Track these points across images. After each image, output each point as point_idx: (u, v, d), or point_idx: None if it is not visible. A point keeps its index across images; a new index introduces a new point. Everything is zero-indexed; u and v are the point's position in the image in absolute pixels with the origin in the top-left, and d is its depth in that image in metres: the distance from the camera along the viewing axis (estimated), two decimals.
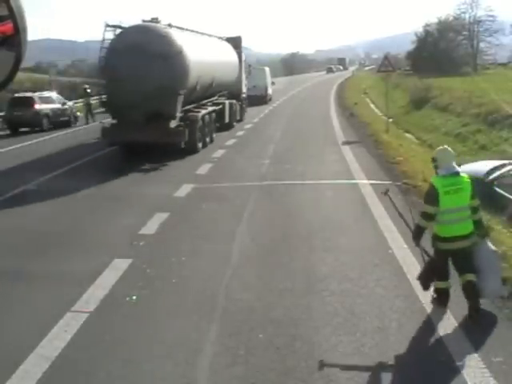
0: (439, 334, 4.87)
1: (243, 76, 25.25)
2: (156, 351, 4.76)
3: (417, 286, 5.88)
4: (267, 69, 38.33)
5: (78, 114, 28.13)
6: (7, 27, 1.92)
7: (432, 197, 5.33)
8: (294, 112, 29.65)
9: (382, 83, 36.35)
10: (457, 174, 5.39)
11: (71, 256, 7.41)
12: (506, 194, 9.59)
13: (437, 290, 5.45)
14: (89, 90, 28.23)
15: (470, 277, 5.25)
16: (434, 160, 5.57)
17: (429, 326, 5.05)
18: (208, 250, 7.44)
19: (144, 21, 15.70)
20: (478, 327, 4.98)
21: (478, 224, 5.47)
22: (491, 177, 10.02)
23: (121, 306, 5.73)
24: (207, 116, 17.43)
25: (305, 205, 9.91)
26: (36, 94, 25.17)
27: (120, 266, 6.79)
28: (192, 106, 16.69)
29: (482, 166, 10.86)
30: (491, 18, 66.17)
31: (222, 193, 11.03)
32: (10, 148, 19.32)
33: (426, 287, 5.56)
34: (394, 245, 7.26)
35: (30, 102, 24.07)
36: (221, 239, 7.96)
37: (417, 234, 5.55)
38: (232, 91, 22.38)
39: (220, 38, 21.88)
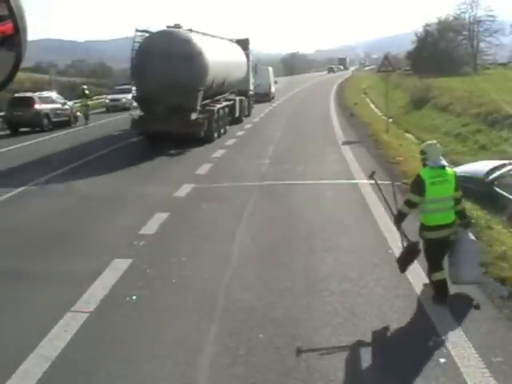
0: (439, 333, 4.87)
1: (250, 75, 27.21)
2: (156, 351, 4.76)
3: (417, 285, 5.90)
4: (270, 68, 40.19)
5: (78, 114, 28.12)
6: (7, 27, 1.91)
7: (418, 187, 5.63)
8: (294, 112, 29.65)
9: (381, 83, 36.36)
10: (443, 167, 5.75)
11: (71, 256, 7.41)
12: (506, 194, 9.59)
13: (436, 284, 5.60)
14: (87, 92, 28.02)
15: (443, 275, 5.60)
16: (422, 153, 5.87)
17: (428, 325, 5.05)
18: (208, 250, 7.44)
19: (168, 26, 17.91)
20: (477, 328, 4.99)
21: (461, 214, 5.82)
22: (491, 177, 10.02)
23: (121, 306, 5.73)
24: (222, 110, 19.72)
25: (305, 205, 9.90)
26: (36, 94, 25.18)
27: (120, 265, 6.79)
28: (208, 101, 18.66)
29: (481, 166, 10.86)
30: (491, 18, 66.25)
31: (221, 193, 11.03)
32: (10, 148, 19.35)
33: (403, 270, 5.85)
34: (394, 245, 7.23)
35: (30, 102, 24.08)
36: (221, 239, 7.96)
37: (398, 219, 5.86)
38: (241, 89, 24.46)
39: (231, 40, 24.01)
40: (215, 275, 6.48)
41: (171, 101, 16.19)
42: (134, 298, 5.86)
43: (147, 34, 17.71)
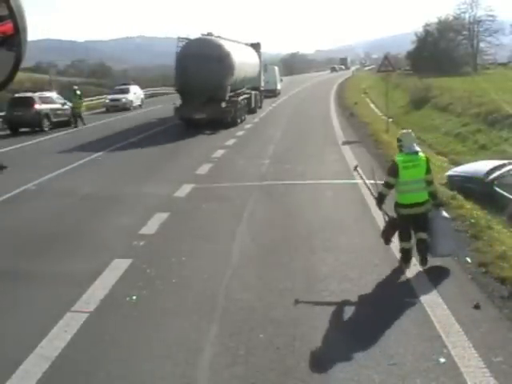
0: (439, 333, 4.87)
1: (262, 73, 32.03)
2: (156, 351, 4.76)
3: (417, 285, 5.90)
4: (277, 68, 45.98)
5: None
6: (7, 27, 1.91)
7: (393, 170, 6.48)
8: (295, 112, 29.64)
9: (381, 83, 36.33)
10: (416, 153, 6.51)
11: (71, 256, 7.41)
12: (506, 194, 9.59)
13: (402, 250, 6.53)
14: (78, 92, 26.95)
15: (423, 236, 6.44)
16: (398, 140, 6.70)
17: (428, 325, 5.05)
18: (208, 250, 7.44)
19: (203, 34, 23.44)
20: (477, 328, 4.99)
21: (433, 195, 6.59)
22: (491, 177, 10.02)
23: (121, 306, 5.73)
24: (242, 101, 24.56)
25: (305, 205, 9.90)
26: (36, 94, 25.16)
27: (120, 265, 6.79)
28: (232, 93, 22.97)
29: (482, 166, 10.86)
30: (491, 18, 66.27)
31: (222, 193, 11.03)
32: (11, 148, 19.34)
33: (387, 242, 6.79)
34: (394, 245, 7.26)
35: (29, 102, 24.06)
36: (221, 239, 7.96)
37: (380, 199, 6.76)
38: (254, 85, 28.71)
39: (246, 44, 29.07)
40: (215, 275, 6.48)
41: (206, 93, 20.79)
42: (134, 298, 5.86)
43: (187, 41, 23.03)
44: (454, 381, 4.18)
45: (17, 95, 24.75)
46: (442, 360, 4.44)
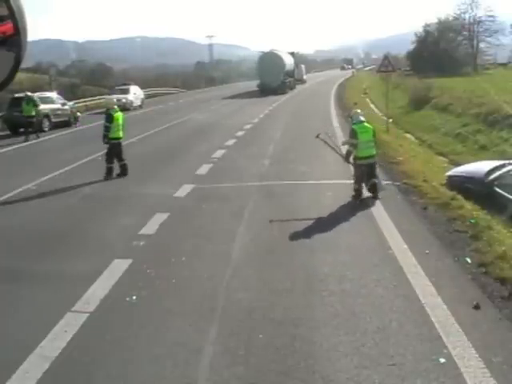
0: (439, 333, 4.87)
1: (295, 69, 54.89)
2: (156, 351, 4.76)
3: (417, 285, 5.90)
4: (303, 65, 68.30)
5: (78, 114, 28.04)
6: (7, 27, 1.91)
7: (354, 134, 9.85)
8: (295, 112, 29.63)
9: (381, 83, 36.34)
10: (363, 122, 10.10)
11: (71, 256, 7.41)
12: (506, 194, 9.59)
13: (354, 190, 9.77)
14: (34, 98, 23.13)
15: (375, 180, 9.79)
16: (350, 117, 10.75)
17: (428, 326, 5.05)
18: (208, 250, 7.44)
19: (270, 49, 51.16)
20: (477, 328, 4.99)
21: (377, 150, 10.20)
22: (491, 177, 10.02)
23: (121, 306, 5.73)
24: (288, 83, 49.32)
25: (305, 205, 9.90)
26: (36, 94, 25.14)
27: (120, 266, 6.79)
28: (283, 78, 47.78)
29: (481, 167, 10.85)
30: (491, 19, 66.29)
31: (222, 193, 11.03)
32: (11, 148, 19.35)
33: (347, 162, 10.40)
34: (394, 245, 7.27)
35: None
36: (221, 239, 7.96)
37: (347, 155, 10.18)
38: (291, 75, 51.91)
39: (287, 52, 53.85)
40: (215, 275, 6.49)
41: (272, 78, 45.89)
42: (134, 298, 5.86)
43: (262, 53, 51.12)
44: (454, 381, 4.18)
45: (17, 95, 24.71)
46: (442, 360, 4.44)
